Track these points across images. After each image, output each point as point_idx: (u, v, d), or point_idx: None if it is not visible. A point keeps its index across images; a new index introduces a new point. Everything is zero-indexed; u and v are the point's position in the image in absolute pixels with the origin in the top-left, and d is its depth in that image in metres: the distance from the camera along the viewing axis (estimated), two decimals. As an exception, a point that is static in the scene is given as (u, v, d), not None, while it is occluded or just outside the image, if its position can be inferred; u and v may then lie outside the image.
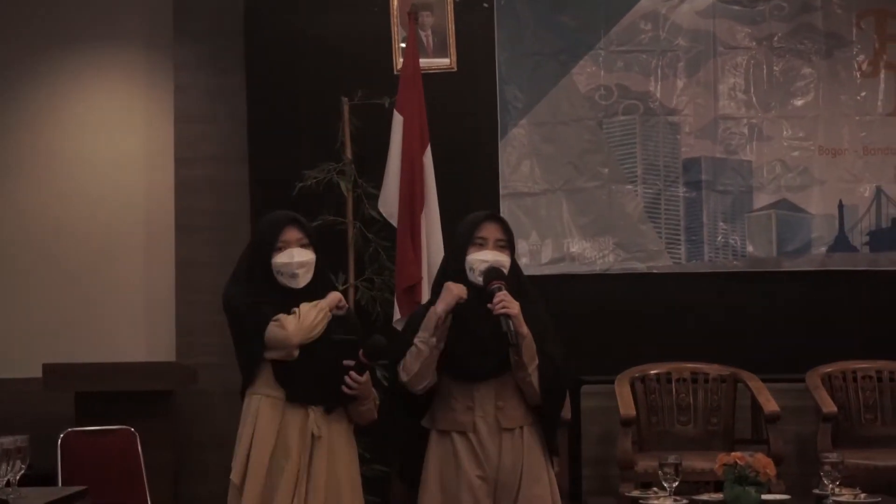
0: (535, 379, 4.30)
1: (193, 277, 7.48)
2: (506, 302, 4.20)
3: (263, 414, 4.33)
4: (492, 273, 4.29)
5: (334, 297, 4.41)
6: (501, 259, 4.36)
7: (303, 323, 4.27)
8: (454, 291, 4.26)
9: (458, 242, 4.45)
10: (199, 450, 7.19)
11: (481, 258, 4.33)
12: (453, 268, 4.41)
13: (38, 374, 6.85)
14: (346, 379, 4.28)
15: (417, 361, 4.26)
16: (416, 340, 4.28)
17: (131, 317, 7.72)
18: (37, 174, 7.80)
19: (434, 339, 4.23)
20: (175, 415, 7.12)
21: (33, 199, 7.79)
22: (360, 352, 4.30)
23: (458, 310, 4.29)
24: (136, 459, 5.90)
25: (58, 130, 7.82)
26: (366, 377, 4.32)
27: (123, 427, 5.95)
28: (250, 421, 4.35)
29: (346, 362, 4.29)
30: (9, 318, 7.70)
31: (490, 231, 4.39)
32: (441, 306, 4.24)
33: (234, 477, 4.33)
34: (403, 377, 4.32)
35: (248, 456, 4.33)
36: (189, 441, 7.25)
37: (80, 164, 7.80)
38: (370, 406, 4.44)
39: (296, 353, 4.28)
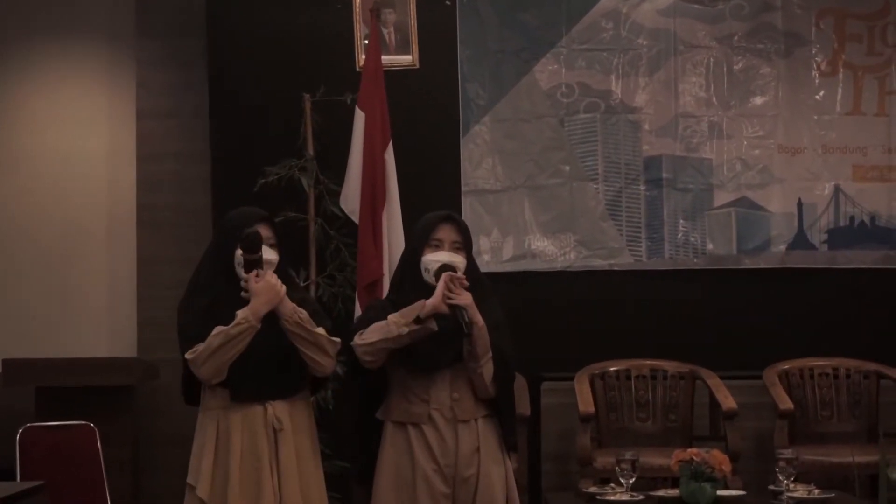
0: (486, 371, 4.33)
1: (155, 273, 7.48)
2: (457, 291, 4.23)
3: (224, 430, 4.31)
4: (443, 269, 4.31)
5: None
6: (456, 260, 4.38)
7: (209, 345, 4.24)
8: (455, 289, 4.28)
9: (414, 243, 4.49)
10: (159, 445, 7.18)
11: (435, 259, 4.36)
12: (409, 267, 4.44)
13: (-1, 368, 6.85)
14: (242, 284, 4.25)
15: (380, 335, 4.25)
16: (391, 317, 4.26)
17: (93, 312, 7.70)
18: (-1, 171, 7.80)
19: (406, 329, 4.22)
20: (136, 410, 7.12)
21: (-6, 194, 7.78)
22: (239, 251, 4.27)
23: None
24: (95, 455, 5.89)
25: (20, 127, 7.80)
26: (267, 276, 4.26)
27: (83, 422, 5.94)
28: (210, 438, 4.32)
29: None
30: (-31, 313, 7.68)
31: (446, 233, 4.41)
32: (433, 301, 4.24)
33: (201, 493, 4.28)
34: (358, 340, 4.29)
35: (212, 470, 4.29)
36: (150, 436, 7.25)
37: (42, 160, 7.77)
38: (296, 318, 4.27)
39: (213, 380, 4.29)
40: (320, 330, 4.34)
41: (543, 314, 7.28)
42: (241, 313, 4.20)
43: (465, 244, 4.45)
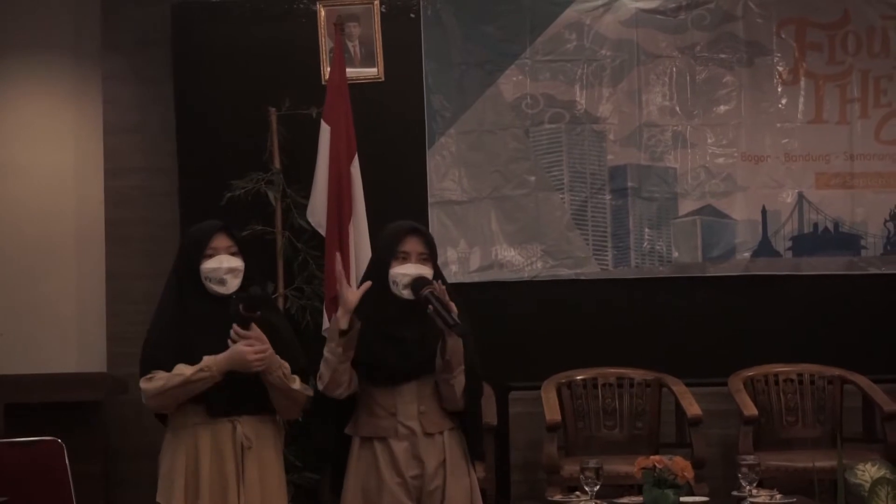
0: (458, 383, 4.36)
1: (124, 288, 7.48)
2: (447, 299, 4.26)
3: (192, 448, 4.36)
4: (420, 282, 4.33)
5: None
6: (424, 272, 4.39)
7: (167, 383, 4.30)
8: (347, 298, 4.31)
9: (380, 255, 4.51)
10: (129, 460, 7.18)
11: (404, 272, 4.37)
12: (376, 278, 4.43)
13: (-33, 386, 6.84)
14: (232, 333, 4.29)
15: (328, 370, 4.32)
16: (325, 350, 4.34)
17: (61, 327, 7.68)
18: (-36, 185, 7.78)
19: (339, 349, 4.28)
20: (105, 425, 7.13)
21: (-39, 210, 7.77)
22: (240, 306, 4.32)
23: (380, 317, 4.36)
24: (63, 471, 5.86)
25: (-15, 142, 7.81)
26: (256, 332, 4.33)
27: (50, 438, 5.92)
28: (180, 457, 4.37)
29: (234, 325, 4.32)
30: (-64, 330, 7.67)
31: (412, 245, 4.43)
32: (339, 313, 4.30)
33: None
34: (319, 385, 4.37)
35: (185, 487, 4.35)
36: (120, 451, 7.26)
37: (8, 175, 7.74)
38: (279, 374, 4.37)
39: (157, 411, 4.38)
40: (296, 384, 4.42)
41: (511, 324, 7.34)
42: (207, 361, 4.27)
43: (431, 255, 4.47)
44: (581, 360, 7.19)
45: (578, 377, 7.12)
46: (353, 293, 4.32)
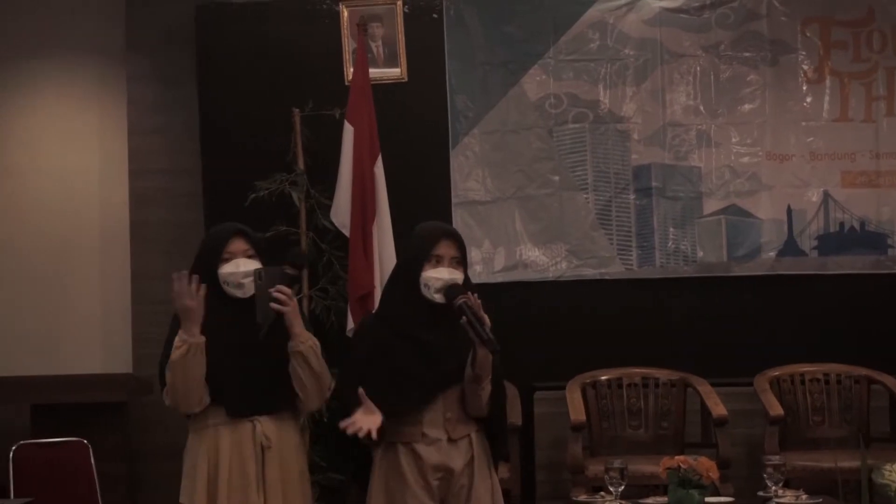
0: (485, 392, 4.34)
1: (148, 289, 7.50)
2: (480, 311, 4.21)
3: (213, 449, 4.36)
4: (454, 290, 4.29)
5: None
6: (456, 276, 4.35)
7: (169, 387, 4.32)
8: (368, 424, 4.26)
9: (412, 255, 4.44)
10: (153, 460, 7.21)
11: (436, 276, 4.32)
12: (406, 280, 4.41)
13: (-7, 387, 6.88)
14: (275, 294, 4.27)
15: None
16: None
17: (87, 329, 7.73)
18: (-10, 187, 7.84)
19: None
20: (130, 426, 7.16)
21: (-13, 211, 7.82)
22: (286, 266, 4.33)
23: (408, 320, 4.35)
24: (88, 471, 5.93)
25: (12, 144, 7.84)
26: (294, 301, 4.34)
27: (76, 439, 5.98)
28: (202, 457, 4.37)
29: (270, 290, 4.29)
30: (-38, 331, 7.72)
31: (446, 249, 4.37)
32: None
33: None
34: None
35: (206, 489, 4.34)
36: (144, 451, 7.28)
37: (34, 176, 7.81)
38: (311, 345, 4.36)
39: (197, 407, 4.35)
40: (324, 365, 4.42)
41: (535, 324, 7.33)
42: (176, 339, 4.25)
43: (463, 259, 4.43)
44: (606, 360, 7.18)
45: (603, 377, 7.11)
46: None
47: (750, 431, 7.04)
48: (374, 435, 4.21)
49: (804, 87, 7.50)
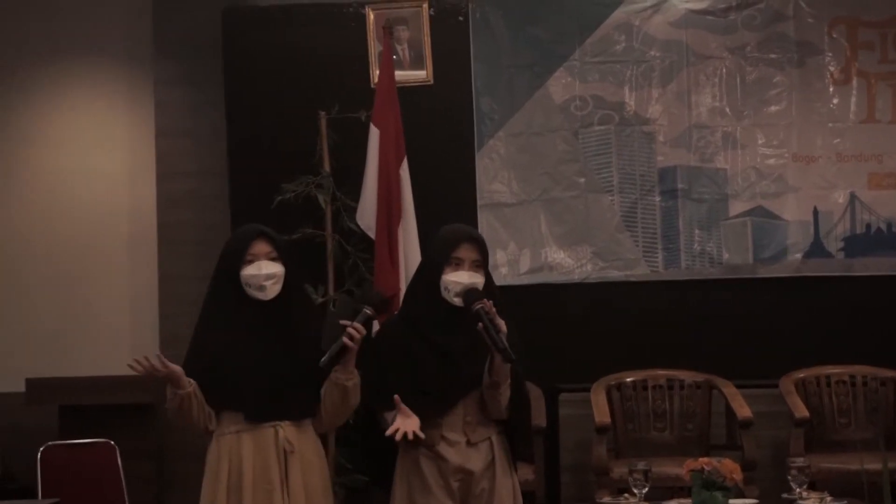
0: (504, 397, 4.35)
1: (176, 290, 7.54)
2: (496, 318, 4.22)
3: (235, 454, 4.37)
4: (472, 295, 4.30)
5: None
6: (477, 280, 4.37)
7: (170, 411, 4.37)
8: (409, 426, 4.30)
9: (433, 258, 4.47)
10: (181, 461, 7.22)
11: (456, 279, 4.34)
12: (427, 281, 4.44)
13: (22, 388, 6.92)
14: (348, 329, 4.22)
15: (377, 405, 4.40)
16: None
17: (115, 330, 7.78)
18: (20, 190, 7.89)
19: (351, 382, 4.33)
20: (158, 427, 7.19)
21: (17, 214, 7.88)
22: (366, 306, 4.31)
23: (428, 321, 4.37)
24: (115, 472, 5.97)
25: (41, 147, 7.91)
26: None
27: (103, 440, 6.02)
28: (223, 463, 4.37)
29: (343, 322, 4.26)
30: (-7, 333, 7.78)
31: (466, 252, 4.40)
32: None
33: None
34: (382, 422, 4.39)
35: (227, 495, 4.35)
36: (171, 453, 7.31)
37: (63, 179, 7.88)
38: (356, 381, 4.38)
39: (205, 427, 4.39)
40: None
41: (560, 326, 7.33)
42: (168, 390, 4.29)
43: (484, 262, 4.45)
44: (631, 361, 7.19)
45: (628, 379, 7.12)
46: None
47: (776, 433, 7.04)
48: (419, 435, 4.25)
49: (831, 89, 7.48)
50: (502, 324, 4.23)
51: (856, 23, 7.49)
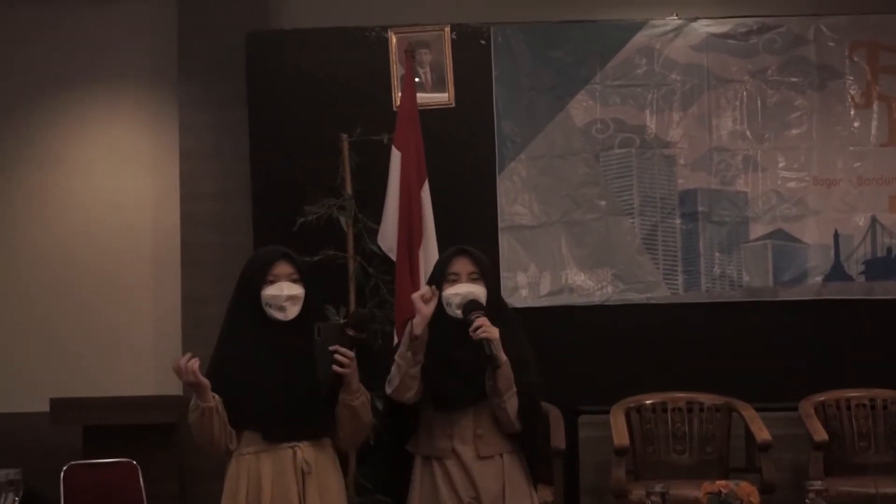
0: (510, 406, 4.41)
1: (199, 311, 7.58)
2: (485, 327, 4.31)
3: (254, 474, 4.40)
4: (470, 305, 4.41)
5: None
6: (475, 290, 4.47)
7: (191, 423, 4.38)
8: (418, 304, 4.39)
9: (433, 280, 4.58)
10: (203, 482, 7.25)
11: (455, 292, 4.46)
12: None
13: (47, 408, 6.98)
14: (336, 357, 4.29)
15: (398, 375, 4.40)
16: (395, 356, 4.43)
17: (139, 351, 7.85)
18: (46, 211, 7.97)
19: (409, 353, 4.36)
20: (181, 447, 7.23)
21: (43, 235, 7.95)
22: (346, 327, 4.36)
23: (439, 342, 4.42)
24: (137, 491, 6.01)
25: (67, 169, 7.99)
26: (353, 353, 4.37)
27: (125, 460, 6.06)
28: (242, 483, 4.41)
29: (332, 347, 4.32)
30: (17, 353, 7.85)
31: (461, 266, 4.52)
32: (416, 320, 4.37)
33: None
34: (388, 389, 4.44)
35: None
36: (193, 473, 7.34)
37: (88, 200, 7.96)
38: (363, 400, 4.44)
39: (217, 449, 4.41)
40: (370, 416, 4.49)
41: (580, 348, 7.35)
42: (191, 402, 4.32)
43: (482, 273, 4.53)
44: (650, 384, 7.20)
45: (648, 401, 7.13)
46: (428, 307, 4.38)
47: (796, 457, 7.05)
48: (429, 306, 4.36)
49: (852, 112, 7.49)
50: (494, 331, 4.30)
51: (876, 46, 7.51)
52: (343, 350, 4.31)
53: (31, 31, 8.00)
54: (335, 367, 4.30)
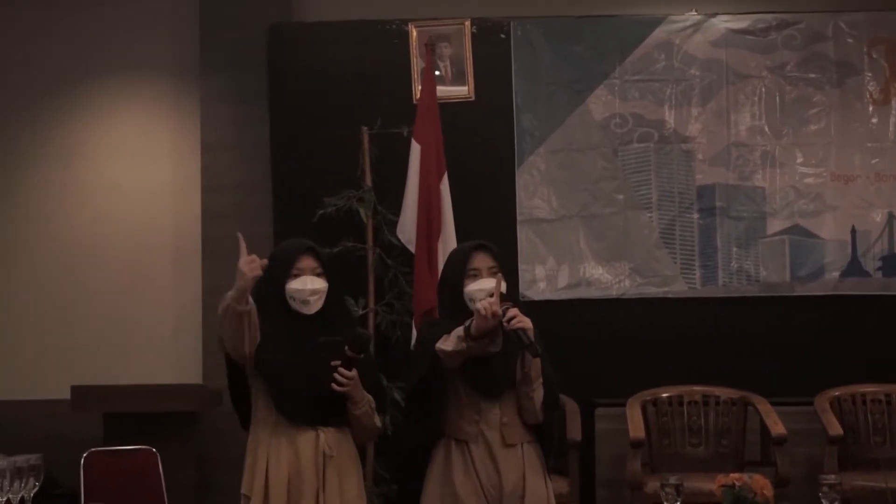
0: (537, 396, 4.46)
1: (219, 302, 7.60)
2: (519, 317, 4.33)
3: (275, 448, 4.46)
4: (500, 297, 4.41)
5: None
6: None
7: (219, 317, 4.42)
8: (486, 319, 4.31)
9: (451, 276, 4.58)
10: (222, 470, 7.31)
11: (478, 287, 4.46)
12: (451, 300, 4.55)
13: (68, 395, 7.04)
14: (335, 376, 4.37)
15: (452, 345, 4.33)
16: (460, 332, 4.34)
17: (159, 340, 7.91)
18: (69, 203, 8.02)
19: (464, 345, 4.32)
20: (200, 435, 7.29)
21: (65, 226, 8.00)
22: (346, 347, 4.40)
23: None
24: (157, 479, 6.02)
25: (89, 160, 8.04)
26: (354, 373, 4.41)
27: (145, 447, 6.08)
28: (263, 447, 4.48)
29: (333, 363, 4.39)
30: (39, 341, 7.91)
31: (481, 261, 4.52)
32: (476, 322, 4.31)
33: (256, 501, 4.45)
34: (440, 345, 4.37)
35: (265, 480, 4.44)
36: (212, 462, 7.41)
37: (110, 192, 8.01)
38: (366, 409, 4.51)
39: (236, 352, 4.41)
40: (377, 420, 4.57)
41: (597, 341, 7.40)
42: (230, 294, 4.35)
43: (501, 269, 4.55)
44: (667, 377, 7.23)
45: (664, 395, 7.16)
46: (495, 320, 4.30)
47: (811, 451, 7.04)
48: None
49: (870, 109, 7.52)
50: (527, 320, 4.33)
51: (895, 43, 7.51)
52: (344, 372, 4.39)
53: (54, 24, 8.04)
54: (334, 386, 4.38)
